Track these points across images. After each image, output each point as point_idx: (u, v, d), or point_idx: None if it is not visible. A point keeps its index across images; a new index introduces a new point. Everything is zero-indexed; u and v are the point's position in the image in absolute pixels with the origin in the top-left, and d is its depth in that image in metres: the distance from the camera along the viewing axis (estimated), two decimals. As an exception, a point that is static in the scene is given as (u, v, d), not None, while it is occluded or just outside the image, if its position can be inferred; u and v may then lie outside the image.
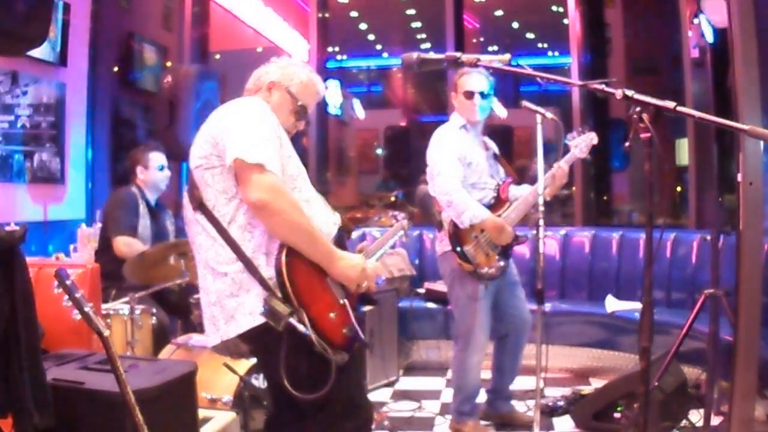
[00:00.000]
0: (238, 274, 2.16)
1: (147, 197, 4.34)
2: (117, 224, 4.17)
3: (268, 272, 2.13)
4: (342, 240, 2.37)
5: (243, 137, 2.13)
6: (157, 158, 4.36)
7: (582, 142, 3.80)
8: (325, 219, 2.32)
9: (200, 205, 2.22)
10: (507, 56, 2.10)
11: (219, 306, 2.20)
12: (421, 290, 5.40)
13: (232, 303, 2.17)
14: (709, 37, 4.73)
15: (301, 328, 2.05)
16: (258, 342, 2.24)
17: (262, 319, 2.11)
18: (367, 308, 2.47)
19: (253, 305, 2.14)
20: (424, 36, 11.14)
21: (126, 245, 4.08)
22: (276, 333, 2.07)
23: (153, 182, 4.36)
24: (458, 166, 3.68)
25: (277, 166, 2.14)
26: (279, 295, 2.10)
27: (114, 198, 4.37)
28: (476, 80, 3.74)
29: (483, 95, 3.74)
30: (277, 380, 2.14)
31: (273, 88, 2.42)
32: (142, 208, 4.28)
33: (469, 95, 3.74)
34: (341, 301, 2.26)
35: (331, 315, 2.19)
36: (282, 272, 2.09)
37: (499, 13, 10.28)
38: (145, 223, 4.27)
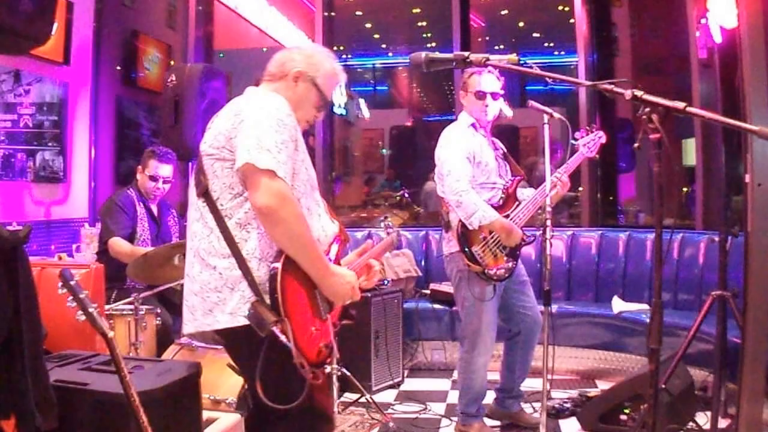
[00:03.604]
0: (227, 270, 2.13)
1: (145, 198, 4.30)
2: (108, 230, 4.15)
3: (259, 276, 2.11)
4: (338, 251, 2.38)
5: (257, 140, 2.08)
6: (153, 167, 4.24)
7: (590, 141, 3.77)
8: (323, 229, 2.31)
9: (205, 193, 2.19)
10: (515, 56, 2.08)
11: (201, 297, 2.18)
12: (427, 291, 5.39)
13: (213, 297, 2.15)
14: (717, 38, 4.70)
15: (282, 338, 2.02)
16: (234, 342, 2.22)
17: (241, 321, 2.08)
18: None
19: (235, 305, 2.11)
20: (429, 35, 11.13)
21: (119, 245, 4.06)
22: (256, 338, 2.04)
23: (144, 188, 4.29)
24: (468, 165, 3.65)
25: (288, 172, 2.11)
26: (267, 301, 2.07)
27: (107, 204, 4.31)
28: (487, 80, 3.71)
29: (494, 95, 3.72)
30: (252, 383, 2.13)
31: (299, 79, 2.35)
32: (140, 210, 4.24)
33: (481, 95, 3.71)
34: (324, 317, 2.24)
35: (312, 329, 2.17)
36: (276, 279, 2.06)
37: (505, 12, 10.27)
38: (143, 225, 4.23)
